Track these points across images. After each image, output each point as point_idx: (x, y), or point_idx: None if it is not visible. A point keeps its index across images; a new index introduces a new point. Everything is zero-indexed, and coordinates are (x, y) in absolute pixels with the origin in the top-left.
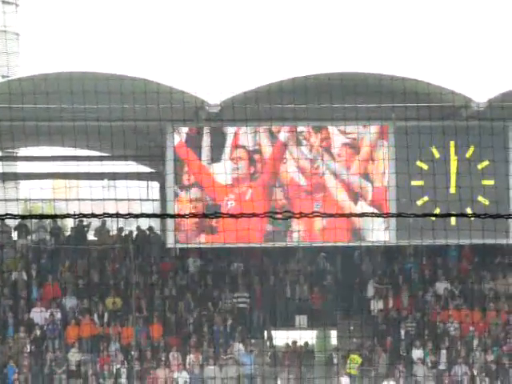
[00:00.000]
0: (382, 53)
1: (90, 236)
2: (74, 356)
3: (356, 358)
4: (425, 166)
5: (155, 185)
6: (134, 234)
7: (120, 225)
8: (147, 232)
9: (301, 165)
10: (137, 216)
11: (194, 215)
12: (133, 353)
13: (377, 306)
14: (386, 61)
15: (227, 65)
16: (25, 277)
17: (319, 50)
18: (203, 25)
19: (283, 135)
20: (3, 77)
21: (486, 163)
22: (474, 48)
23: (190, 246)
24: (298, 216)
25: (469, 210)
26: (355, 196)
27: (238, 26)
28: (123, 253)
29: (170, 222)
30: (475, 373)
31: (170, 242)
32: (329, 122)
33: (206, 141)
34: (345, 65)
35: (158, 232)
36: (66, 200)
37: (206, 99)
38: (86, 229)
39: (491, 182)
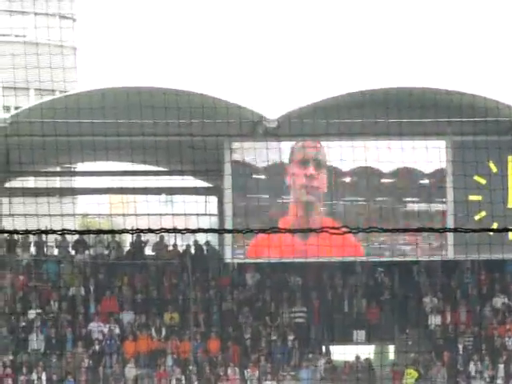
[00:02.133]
0: (438, 67)
1: (148, 251)
2: (131, 371)
3: (412, 373)
4: (482, 181)
5: (213, 199)
6: (192, 248)
7: (178, 240)
8: (204, 247)
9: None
10: (194, 231)
11: (250, 230)
12: (191, 367)
13: (434, 320)
14: (442, 75)
15: (284, 80)
16: (83, 292)
17: (375, 65)
18: (261, 40)
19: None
20: (61, 92)
21: None
22: None
23: (247, 260)
24: (355, 231)
25: None
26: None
27: (295, 41)
28: (181, 268)
29: (227, 237)
30: None
31: (228, 256)
32: (385, 136)
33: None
34: (401, 80)
35: (216, 247)
36: (124, 215)
37: (264, 114)
38: (143, 244)
39: None
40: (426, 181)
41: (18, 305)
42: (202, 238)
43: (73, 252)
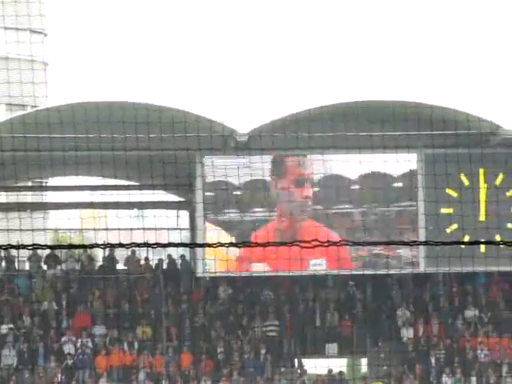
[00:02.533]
0: (408, 81)
1: (120, 265)
2: None
3: None
4: (454, 194)
5: (184, 214)
6: (164, 263)
7: (150, 254)
8: (178, 261)
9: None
10: (164, 245)
11: (221, 244)
12: (163, 382)
13: (407, 333)
14: (412, 88)
15: (254, 94)
16: (55, 306)
17: (346, 79)
18: (232, 54)
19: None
20: (31, 107)
21: None
22: (502, 74)
23: (219, 274)
24: (326, 245)
25: (498, 238)
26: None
27: (265, 55)
28: (153, 282)
29: (199, 251)
30: None
31: (200, 271)
32: (356, 150)
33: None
34: (371, 93)
35: (189, 261)
36: (94, 230)
37: (235, 128)
38: (115, 259)
39: None
40: (399, 183)
41: None
42: (175, 252)
43: (45, 267)
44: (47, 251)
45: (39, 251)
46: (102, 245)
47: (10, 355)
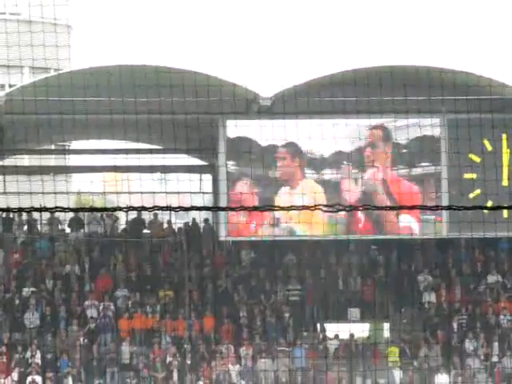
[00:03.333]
0: (431, 45)
1: (145, 230)
2: (126, 349)
3: (394, 350)
4: (477, 159)
5: (207, 177)
6: (187, 226)
7: (172, 218)
8: (202, 224)
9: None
10: (187, 209)
11: (244, 208)
12: (185, 346)
13: (429, 298)
14: (435, 53)
15: (278, 58)
16: (77, 270)
17: (369, 44)
18: (256, 18)
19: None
20: (54, 70)
21: None
22: None
23: (241, 238)
24: (347, 209)
25: None
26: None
27: (289, 19)
28: (175, 246)
29: (222, 214)
30: None
31: (223, 234)
32: (378, 115)
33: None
34: (394, 58)
35: (212, 225)
36: (117, 193)
37: (258, 92)
38: (142, 222)
39: None
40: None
41: (13, 283)
42: (197, 216)
43: (68, 230)
44: (70, 214)
45: (62, 214)
46: (124, 208)
47: (33, 318)
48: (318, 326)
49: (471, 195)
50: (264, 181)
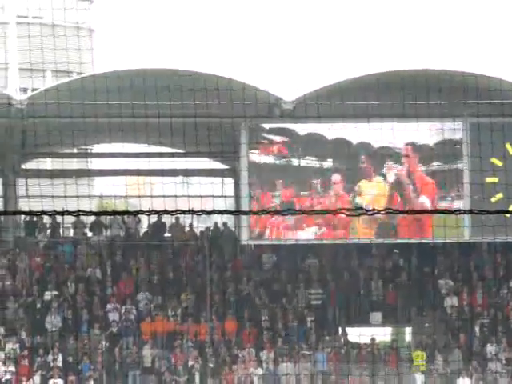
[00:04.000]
0: (452, 49)
1: (166, 233)
2: (148, 352)
3: (420, 355)
4: (499, 163)
5: (229, 181)
6: (209, 230)
7: (194, 222)
8: (221, 228)
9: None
10: (209, 213)
11: (266, 212)
12: (207, 349)
13: (451, 302)
14: (457, 58)
15: (300, 62)
16: (99, 273)
17: (391, 48)
18: (278, 23)
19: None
20: (77, 74)
21: None
22: None
23: (263, 242)
24: (370, 213)
25: None
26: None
27: (311, 23)
28: (197, 249)
29: (244, 218)
30: None
31: (244, 238)
32: (400, 119)
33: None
34: (416, 62)
35: (233, 229)
36: (139, 197)
37: (281, 96)
38: (163, 226)
39: None
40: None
41: (35, 286)
42: (219, 219)
43: (89, 234)
44: (92, 218)
45: (84, 218)
46: (146, 211)
47: (55, 321)
48: (340, 329)
49: (493, 199)
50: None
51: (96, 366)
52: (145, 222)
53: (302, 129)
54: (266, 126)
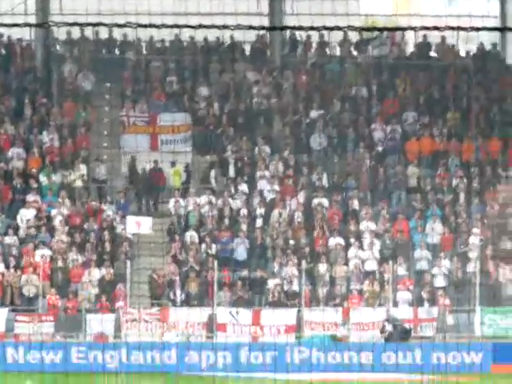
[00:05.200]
0: None
1: (432, 53)
2: (413, 171)
3: None
4: None
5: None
6: (474, 50)
7: (460, 42)
8: (488, 48)
9: None
10: (477, 29)
11: None
12: (472, 169)
13: None
14: None
15: None
16: (365, 92)
17: None
18: None
19: None
20: None
21: None
22: None
23: None
24: None
25: None
26: None
27: None
28: (463, 69)
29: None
30: None
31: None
32: None
33: None
34: None
35: (499, 49)
36: (408, 15)
37: None
38: (428, 45)
39: None
40: None
41: (300, 104)
42: (485, 40)
43: (355, 52)
44: (357, 37)
45: (351, 36)
46: (414, 28)
47: (320, 140)
48: None
49: None
50: None
51: (360, 185)
52: (410, 42)
53: None
54: None
